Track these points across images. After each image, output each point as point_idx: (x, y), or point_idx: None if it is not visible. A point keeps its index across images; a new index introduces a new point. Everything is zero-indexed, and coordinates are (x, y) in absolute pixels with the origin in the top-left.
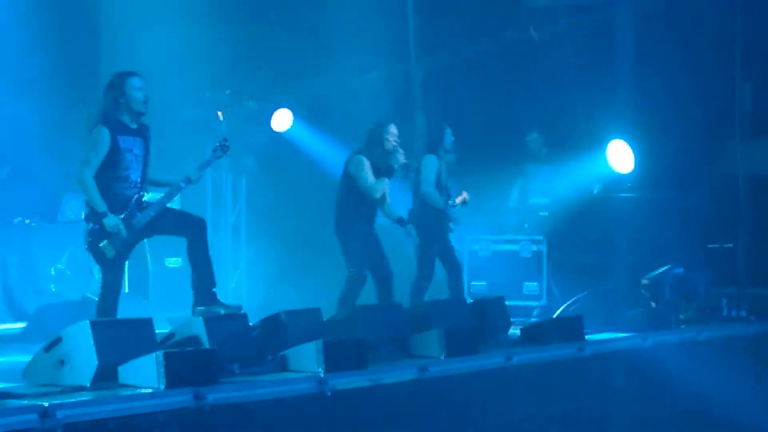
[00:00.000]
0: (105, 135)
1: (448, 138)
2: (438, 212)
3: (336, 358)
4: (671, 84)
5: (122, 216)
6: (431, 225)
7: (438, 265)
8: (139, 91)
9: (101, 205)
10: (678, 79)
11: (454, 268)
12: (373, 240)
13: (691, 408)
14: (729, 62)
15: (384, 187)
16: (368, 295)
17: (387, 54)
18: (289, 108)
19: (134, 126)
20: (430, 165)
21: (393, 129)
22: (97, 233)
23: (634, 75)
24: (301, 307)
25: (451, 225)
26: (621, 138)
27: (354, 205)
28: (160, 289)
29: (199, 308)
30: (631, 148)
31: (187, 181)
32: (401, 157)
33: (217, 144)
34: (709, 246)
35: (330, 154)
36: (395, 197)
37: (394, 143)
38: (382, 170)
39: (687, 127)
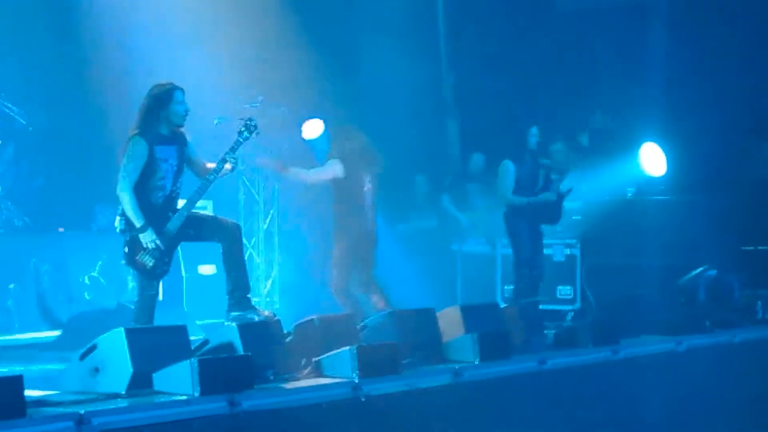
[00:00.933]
0: (143, 146)
1: (533, 138)
2: (523, 213)
3: (370, 364)
4: (704, 85)
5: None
6: (517, 226)
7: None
8: (180, 104)
9: (140, 219)
10: (711, 80)
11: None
12: None
13: (725, 412)
14: (764, 62)
15: None
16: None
17: (418, 59)
18: (319, 114)
19: (169, 135)
20: (502, 171)
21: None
22: (133, 246)
23: (666, 77)
24: (335, 312)
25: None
26: (653, 141)
27: None
28: (194, 296)
29: (233, 314)
30: (664, 150)
31: (216, 172)
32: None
33: (242, 125)
34: (743, 248)
35: None
36: None
37: None
38: None
39: (721, 129)
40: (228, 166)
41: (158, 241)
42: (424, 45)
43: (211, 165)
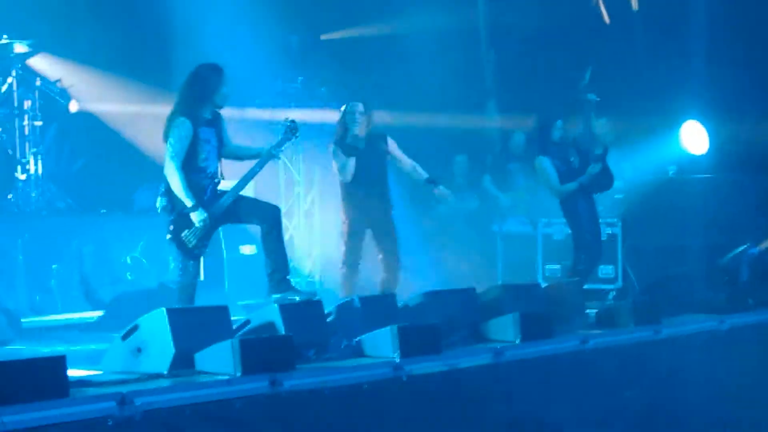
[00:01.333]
0: (188, 127)
1: (557, 132)
2: (577, 196)
3: (411, 344)
4: (747, 61)
5: (202, 200)
6: (575, 210)
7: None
8: (225, 86)
9: (191, 199)
10: (754, 56)
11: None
12: None
13: None
14: None
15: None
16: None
17: (458, 38)
18: (359, 97)
19: (210, 117)
20: (541, 168)
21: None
22: (178, 224)
23: (708, 54)
24: (375, 293)
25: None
26: (695, 119)
27: None
28: (235, 277)
29: (274, 297)
30: (706, 128)
31: (261, 165)
32: None
33: (286, 126)
34: None
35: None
36: None
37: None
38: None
39: (764, 106)
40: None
41: (209, 220)
42: (464, 25)
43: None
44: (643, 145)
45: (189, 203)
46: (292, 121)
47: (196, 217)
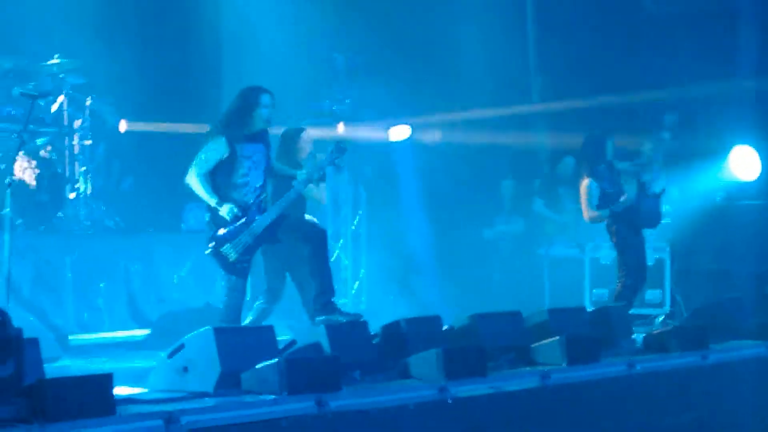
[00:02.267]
0: (221, 143)
1: (609, 151)
2: (623, 219)
3: (457, 366)
4: None
5: (243, 221)
6: (621, 234)
7: None
8: (266, 108)
9: (212, 197)
10: None
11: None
12: None
13: None
14: None
15: None
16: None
17: (506, 63)
18: (404, 119)
19: (254, 134)
20: (585, 189)
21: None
22: (219, 238)
23: (758, 78)
24: (421, 314)
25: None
26: (746, 143)
27: None
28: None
29: (318, 319)
30: (758, 153)
31: (305, 183)
32: None
33: (333, 146)
34: None
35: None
36: None
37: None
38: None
39: None
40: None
41: (236, 210)
42: (513, 49)
43: None
44: (692, 169)
45: (212, 202)
46: (340, 142)
47: (224, 211)
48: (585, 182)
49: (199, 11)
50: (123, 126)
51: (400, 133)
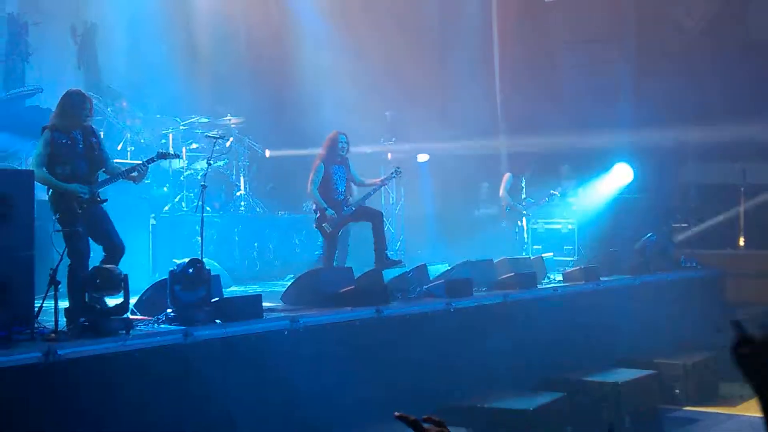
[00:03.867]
0: (320, 167)
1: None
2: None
3: (455, 290)
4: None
5: (345, 207)
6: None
7: None
8: (343, 144)
9: (324, 204)
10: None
11: None
12: None
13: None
14: None
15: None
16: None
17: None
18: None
19: (340, 159)
20: None
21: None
22: (319, 220)
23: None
24: (434, 262)
25: None
26: (623, 161)
27: None
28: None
29: (379, 264)
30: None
31: (375, 189)
32: None
33: (393, 170)
34: (674, 225)
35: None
36: None
37: None
38: None
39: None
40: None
41: (334, 215)
42: (487, 107)
43: (371, 181)
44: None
45: (324, 207)
46: (398, 167)
47: (329, 213)
48: None
49: (303, 75)
50: (267, 153)
51: (423, 157)
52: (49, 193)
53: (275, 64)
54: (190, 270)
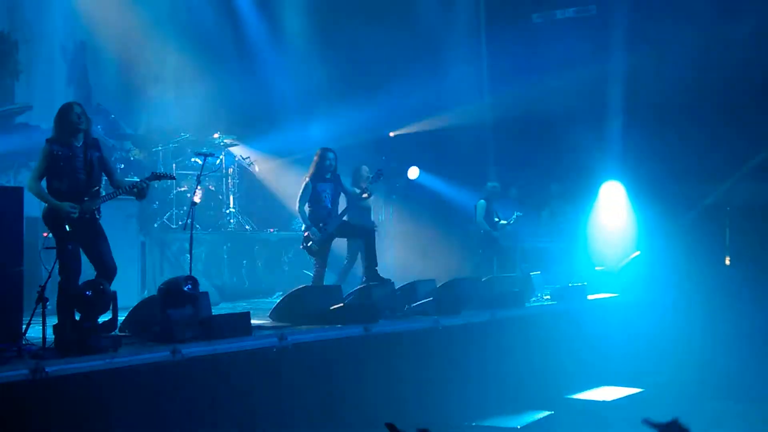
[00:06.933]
0: (308, 185)
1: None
2: None
3: (444, 307)
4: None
5: (321, 225)
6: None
7: None
8: (330, 161)
9: (308, 222)
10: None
11: None
12: None
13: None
14: None
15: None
16: None
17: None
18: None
19: (328, 177)
20: None
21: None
22: (306, 239)
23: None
24: (422, 278)
25: None
26: (613, 180)
27: None
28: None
29: (371, 283)
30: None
31: (360, 198)
32: None
33: (374, 172)
34: None
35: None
36: None
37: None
38: None
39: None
40: (366, 195)
41: (318, 234)
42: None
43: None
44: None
45: (308, 224)
46: (380, 170)
47: (311, 231)
48: None
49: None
50: (255, 168)
51: (413, 173)
52: (43, 207)
53: (262, 79)
54: (187, 287)
